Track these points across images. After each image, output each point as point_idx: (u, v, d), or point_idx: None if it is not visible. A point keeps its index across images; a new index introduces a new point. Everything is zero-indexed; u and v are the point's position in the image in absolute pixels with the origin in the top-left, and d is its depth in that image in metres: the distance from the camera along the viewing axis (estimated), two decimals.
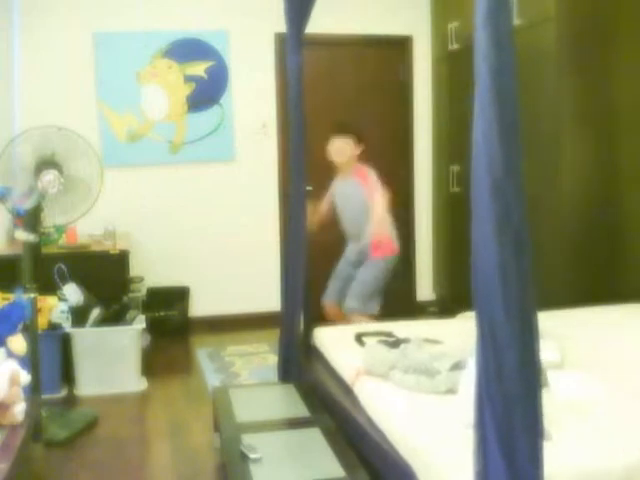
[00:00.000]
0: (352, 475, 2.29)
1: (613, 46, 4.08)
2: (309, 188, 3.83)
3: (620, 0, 4.08)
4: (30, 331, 3.21)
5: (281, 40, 5.04)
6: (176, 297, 5.27)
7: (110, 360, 4.00)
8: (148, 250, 5.14)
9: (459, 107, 5.06)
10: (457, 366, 2.43)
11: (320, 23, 3.80)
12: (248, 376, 4.28)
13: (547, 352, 2.61)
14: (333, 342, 3.24)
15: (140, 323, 4.13)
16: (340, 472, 2.31)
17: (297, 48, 3.35)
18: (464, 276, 1.79)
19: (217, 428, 3.03)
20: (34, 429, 2.88)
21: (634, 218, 4.15)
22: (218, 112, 5.33)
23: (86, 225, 4.11)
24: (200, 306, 5.39)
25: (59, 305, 3.92)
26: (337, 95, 5.55)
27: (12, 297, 3.45)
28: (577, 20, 4.03)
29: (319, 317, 3.66)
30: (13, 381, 2.57)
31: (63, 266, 4.14)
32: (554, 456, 1.82)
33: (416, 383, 2.46)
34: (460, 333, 2.77)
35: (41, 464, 3.14)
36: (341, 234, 5.61)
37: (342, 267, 4.33)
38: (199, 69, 5.28)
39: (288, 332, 3.52)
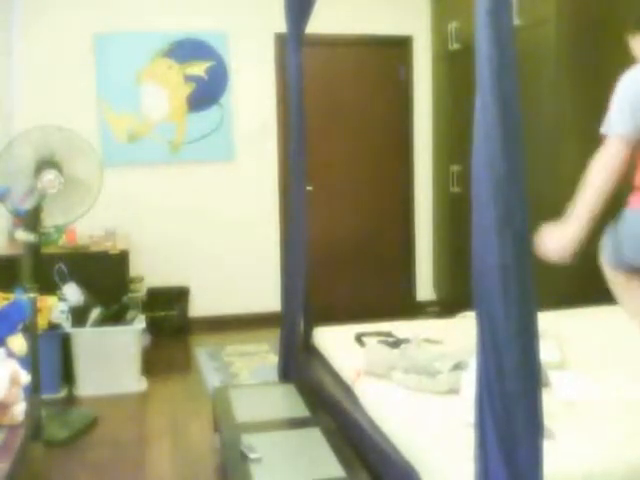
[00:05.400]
0: (352, 475, 2.29)
1: (613, 46, 4.08)
2: (309, 188, 3.84)
3: (619, 0, 4.08)
4: (30, 331, 3.20)
5: (281, 40, 5.04)
6: (176, 297, 5.27)
7: (110, 360, 4.00)
8: (148, 250, 5.14)
9: (459, 107, 5.06)
10: (458, 366, 2.43)
11: (320, 23, 3.80)
12: (248, 376, 4.28)
13: (548, 352, 2.62)
14: (333, 342, 3.24)
15: (140, 323, 4.13)
16: (340, 472, 2.31)
17: (297, 48, 3.35)
18: (464, 276, 1.79)
19: (217, 428, 3.03)
20: (34, 429, 2.88)
21: None
22: (218, 112, 5.33)
23: (86, 225, 4.11)
24: (200, 306, 5.39)
25: (59, 305, 3.91)
26: (337, 95, 5.55)
27: (12, 297, 3.45)
28: (577, 20, 4.03)
29: (319, 317, 3.65)
30: (13, 381, 2.57)
31: (63, 266, 4.14)
32: (555, 456, 1.82)
33: (417, 383, 2.46)
34: (460, 333, 2.77)
35: (41, 464, 3.13)
36: (340, 234, 5.63)
37: None
38: (199, 69, 5.28)
39: (288, 332, 3.52)
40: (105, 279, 4.28)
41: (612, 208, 2.58)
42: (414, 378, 2.48)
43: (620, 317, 3.37)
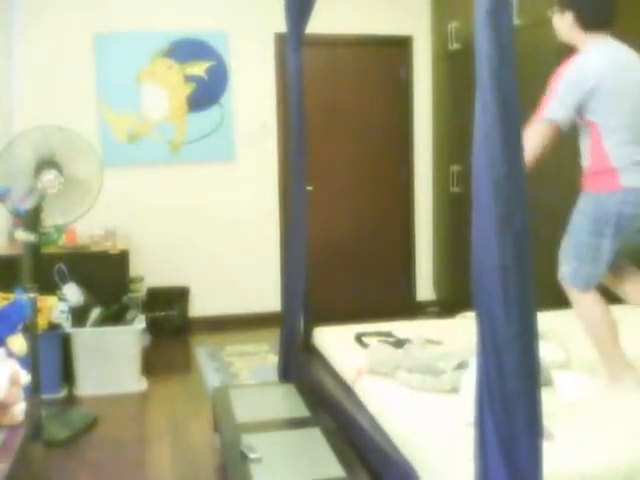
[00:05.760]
0: (352, 475, 2.29)
1: None
2: (309, 188, 3.84)
3: (620, 0, 4.07)
4: (30, 331, 3.20)
5: (281, 40, 5.04)
6: (176, 297, 5.27)
7: (110, 360, 4.00)
8: (148, 250, 5.14)
9: (459, 107, 5.06)
10: (462, 366, 2.43)
11: (320, 23, 3.80)
12: (248, 376, 4.28)
13: (553, 352, 2.62)
14: (333, 342, 3.24)
15: (140, 323, 4.13)
16: (340, 472, 2.31)
17: (297, 48, 3.35)
18: (464, 276, 1.79)
19: (217, 428, 3.03)
20: (34, 429, 2.87)
21: None
22: (218, 112, 5.33)
23: (86, 225, 4.11)
24: (200, 306, 5.39)
25: (59, 305, 3.91)
26: (337, 95, 5.55)
27: (12, 297, 3.45)
28: None
29: (319, 317, 3.65)
30: (13, 381, 2.57)
31: (63, 266, 4.14)
32: (556, 456, 1.82)
33: (421, 382, 2.46)
34: (461, 333, 2.77)
35: (41, 464, 3.13)
36: (340, 234, 5.63)
37: None
38: (199, 69, 5.28)
39: (288, 332, 3.52)
40: (105, 279, 4.28)
41: None
42: (418, 377, 2.48)
43: (619, 317, 3.37)
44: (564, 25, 2.69)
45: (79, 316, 4.01)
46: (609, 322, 2.58)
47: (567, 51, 4.09)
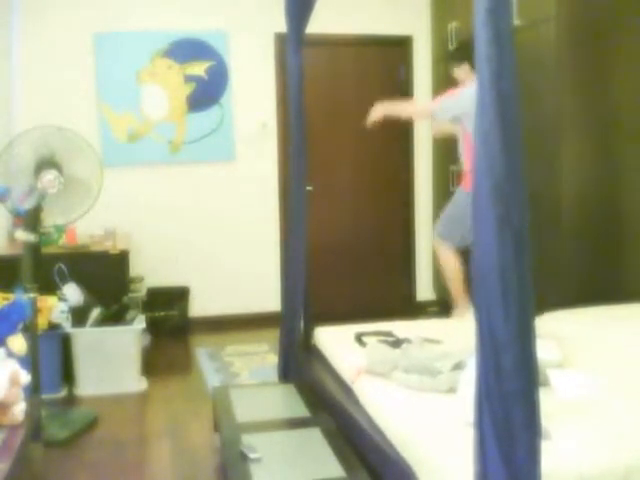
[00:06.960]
0: (352, 475, 2.29)
1: (613, 46, 4.08)
2: (309, 188, 3.83)
3: (620, 0, 4.08)
4: (30, 331, 3.20)
5: (281, 40, 5.04)
6: (176, 297, 5.27)
7: (110, 360, 4.00)
8: (148, 250, 5.14)
9: None
10: (459, 366, 2.43)
11: (320, 23, 3.81)
12: (248, 376, 4.28)
13: (548, 351, 2.62)
14: (333, 342, 3.24)
15: (140, 323, 4.13)
16: (340, 472, 2.31)
17: (297, 48, 3.35)
18: (464, 276, 1.80)
19: (217, 428, 3.03)
20: (34, 429, 2.87)
21: (634, 217, 4.15)
22: (218, 112, 5.33)
23: (86, 225, 4.10)
24: (200, 306, 5.39)
25: (59, 305, 3.91)
26: (337, 95, 5.55)
27: (12, 297, 3.45)
28: (577, 20, 4.03)
29: (319, 317, 3.65)
30: (13, 381, 2.57)
31: (63, 266, 4.14)
32: (554, 456, 1.82)
33: (418, 383, 2.46)
34: (459, 333, 2.77)
35: (41, 464, 3.13)
36: (340, 234, 5.62)
37: None
38: (199, 69, 5.28)
39: (288, 332, 3.52)
40: (105, 279, 4.28)
41: None
42: (415, 378, 2.48)
43: (620, 316, 3.37)
44: (462, 72, 4.08)
45: (79, 316, 4.01)
46: (459, 270, 4.07)
47: (565, 53, 4.12)
